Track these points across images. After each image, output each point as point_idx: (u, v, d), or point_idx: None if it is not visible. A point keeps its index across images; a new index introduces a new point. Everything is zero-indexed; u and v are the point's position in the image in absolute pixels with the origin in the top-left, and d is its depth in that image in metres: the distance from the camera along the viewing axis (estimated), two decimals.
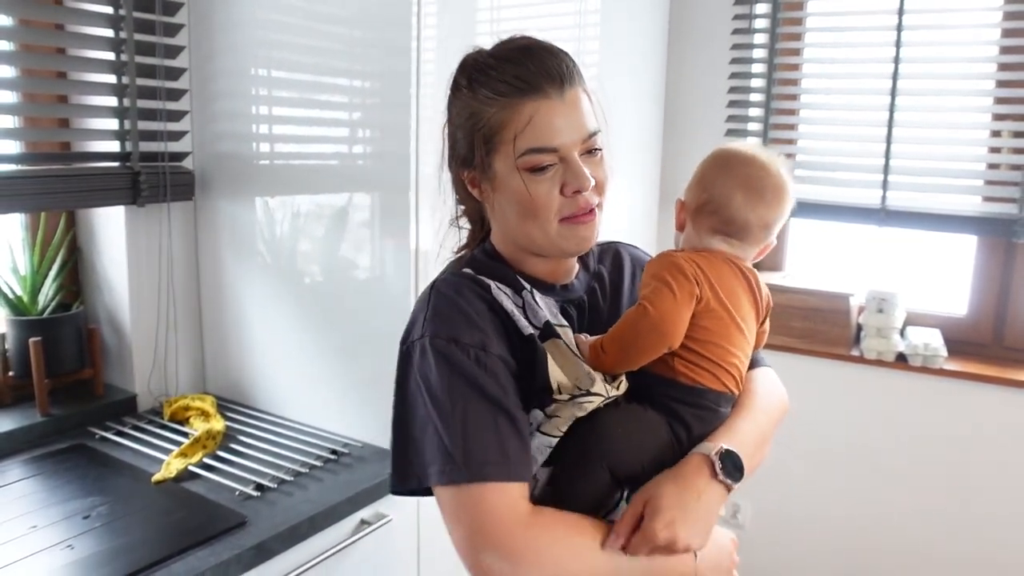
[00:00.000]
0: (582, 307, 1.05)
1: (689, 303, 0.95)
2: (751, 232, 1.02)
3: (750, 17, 2.38)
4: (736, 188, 1.01)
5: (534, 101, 0.92)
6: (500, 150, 0.95)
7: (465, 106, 0.97)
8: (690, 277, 0.95)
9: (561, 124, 0.93)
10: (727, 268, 1.01)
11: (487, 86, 0.94)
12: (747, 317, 1.01)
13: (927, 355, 2.22)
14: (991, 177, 2.18)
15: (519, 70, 0.93)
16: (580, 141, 0.94)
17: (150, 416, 1.78)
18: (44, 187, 1.61)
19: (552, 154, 0.93)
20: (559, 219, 0.95)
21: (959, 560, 2.27)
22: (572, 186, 0.94)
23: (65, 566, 1.19)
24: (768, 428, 1.04)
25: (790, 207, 1.04)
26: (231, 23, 1.76)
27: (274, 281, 1.79)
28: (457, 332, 0.91)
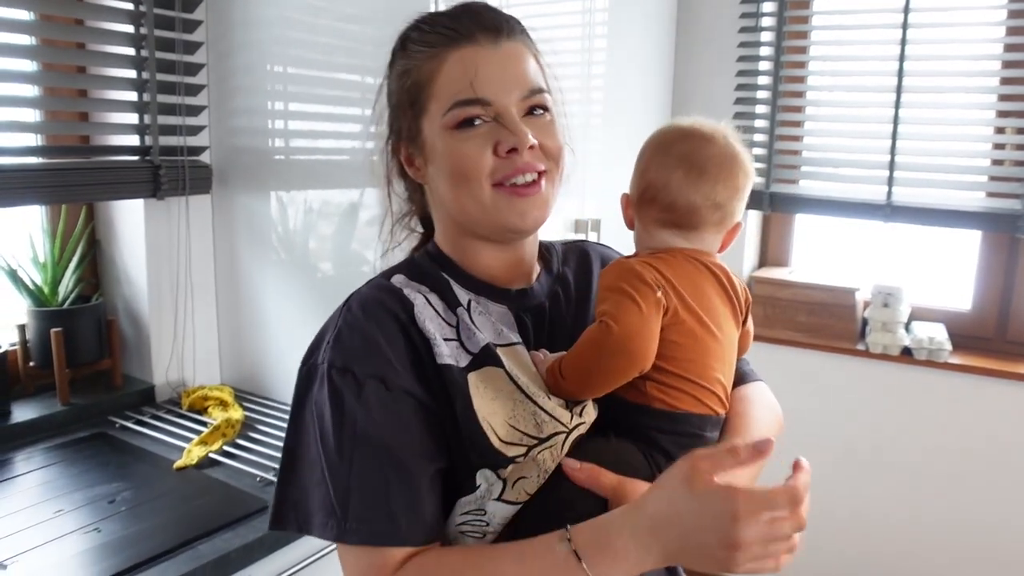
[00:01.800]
0: (542, 315, 0.91)
1: (657, 315, 0.81)
2: (701, 216, 0.87)
3: (757, 16, 2.41)
4: (675, 167, 0.87)
5: (460, 48, 0.82)
6: (427, 109, 0.84)
7: (397, 70, 0.87)
8: (652, 284, 0.81)
9: (493, 74, 0.82)
10: (690, 267, 0.87)
11: (418, 41, 0.85)
12: (723, 322, 0.88)
13: (932, 349, 2.25)
14: (995, 173, 2.21)
15: (452, 21, 0.84)
16: (519, 97, 0.83)
17: (168, 406, 1.80)
18: (65, 180, 1.63)
19: (481, 107, 0.81)
20: (492, 183, 0.82)
21: (964, 552, 2.30)
22: (506, 143, 0.81)
23: (94, 548, 1.22)
24: None
25: (744, 181, 0.89)
26: (248, 20, 1.78)
27: (289, 274, 1.82)
28: (355, 361, 0.80)
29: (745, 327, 0.95)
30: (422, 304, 0.84)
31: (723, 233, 0.91)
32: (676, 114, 2.54)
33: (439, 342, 0.82)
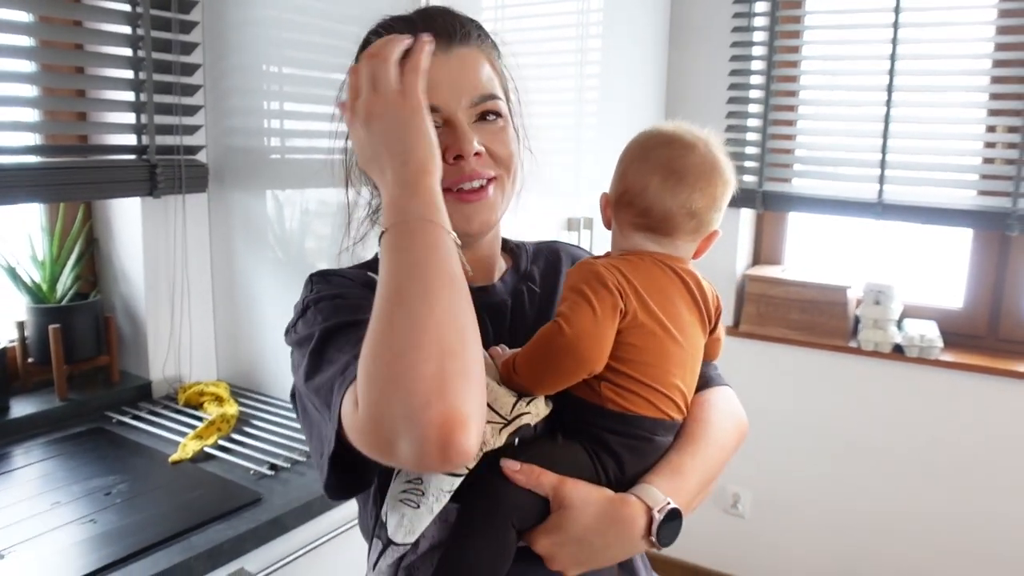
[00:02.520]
0: (503, 312, 0.93)
1: (612, 319, 0.81)
2: (675, 223, 0.88)
3: (749, 15, 2.43)
4: (653, 172, 0.87)
5: None
6: None
7: None
8: (612, 288, 0.81)
9: (441, 81, 0.83)
10: (657, 271, 0.87)
11: None
12: (687, 328, 0.87)
13: (923, 347, 2.26)
14: (986, 171, 2.23)
15: (406, 27, 0.85)
16: (468, 104, 0.85)
17: (165, 402, 1.83)
18: (63, 178, 1.66)
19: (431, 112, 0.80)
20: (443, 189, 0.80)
21: (956, 549, 2.31)
22: (452, 150, 0.83)
23: (90, 538, 1.24)
24: (716, 464, 0.89)
25: (723, 191, 0.89)
26: (244, 21, 1.81)
27: (285, 271, 1.84)
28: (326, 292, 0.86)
29: (714, 335, 0.94)
30: None
31: (698, 240, 0.91)
32: (670, 113, 2.56)
33: None
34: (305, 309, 0.86)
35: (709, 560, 2.64)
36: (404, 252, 0.70)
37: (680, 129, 0.91)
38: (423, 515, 0.78)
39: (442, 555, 0.78)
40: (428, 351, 0.64)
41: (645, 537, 0.80)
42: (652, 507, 0.80)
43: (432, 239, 0.70)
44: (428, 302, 0.66)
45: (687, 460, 0.85)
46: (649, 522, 0.79)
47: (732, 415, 0.95)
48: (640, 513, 0.80)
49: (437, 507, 0.78)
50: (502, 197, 0.89)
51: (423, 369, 0.63)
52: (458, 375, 0.64)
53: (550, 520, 0.79)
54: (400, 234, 0.71)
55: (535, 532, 0.79)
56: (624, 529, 0.79)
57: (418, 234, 0.70)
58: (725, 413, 0.93)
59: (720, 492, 2.61)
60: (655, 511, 0.80)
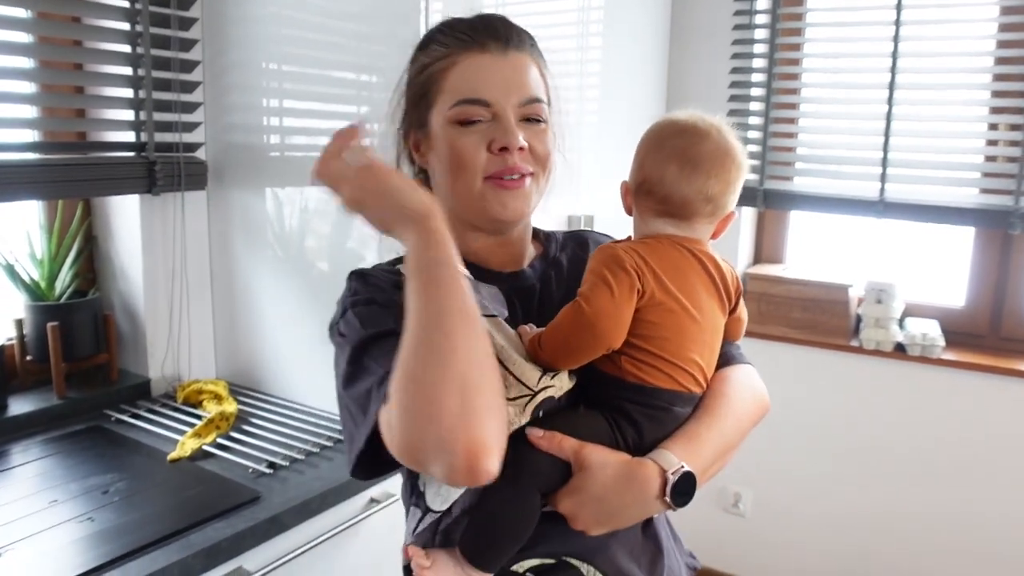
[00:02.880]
0: (531, 296, 0.99)
1: (629, 298, 0.86)
2: (693, 208, 0.92)
3: (751, 13, 2.42)
4: (669, 161, 0.91)
5: (472, 53, 0.92)
6: (436, 102, 0.93)
7: (416, 64, 0.97)
8: (630, 269, 0.86)
9: (496, 79, 0.91)
10: (675, 253, 0.91)
11: (436, 41, 0.95)
12: (705, 307, 0.92)
13: (925, 345, 2.25)
14: (988, 169, 2.22)
15: (469, 28, 0.94)
16: (517, 103, 0.92)
17: (164, 400, 1.82)
18: (61, 175, 1.65)
19: (482, 107, 0.90)
20: (484, 176, 0.91)
21: (957, 548, 2.30)
22: (499, 142, 0.90)
23: (87, 536, 1.24)
24: (733, 436, 0.95)
25: (737, 175, 0.93)
26: (243, 18, 1.80)
27: (284, 269, 1.84)
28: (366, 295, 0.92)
29: (735, 314, 0.99)
30: None
31: (715, 223, 0.95)
32: (671, 111, 2.54)
33: None
34: (344, 311, 0.92)
35: (710, 559, 2.63)
36: (426, 298, 0.77)
37: (693, 118, 0.94)
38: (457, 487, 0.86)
39: (473, 517, 0.86)
40: (452, 387, 0.72)
41: (660, 498, 0.85)
42: (666, 470, 0.85)
43: (448, 282, 0.77)
44: (451, 343, 0.74)
45: (703, 430, 0.91)
46: (664, 484, 0.84)
47: (751, 390, 1.00)
48: (655, 475, 0.85)
49: None
50: (536, 192, 0.95)
51: (448, 404, 0.71)
52: (480, 407, 0.72)
53: (572, 482, 0.85)
54: (421, 281, 0.77)
55: (558, 494, 0.85)
56: (640, 489, 0.85)
57: (435, 280, 0.77)
58: (744, 388, 0.98)
59: (721, 492, 2.61)
60: (669, 473, 0.85)
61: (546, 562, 0.88)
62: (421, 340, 0.75)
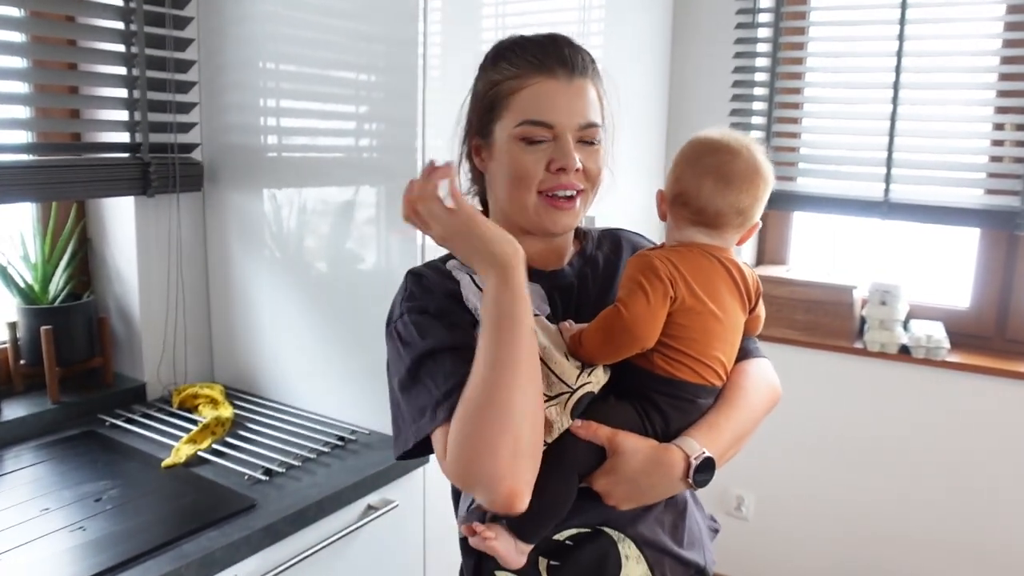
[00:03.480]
0: (570, 293, 1.07)
1: (663, 305, 0.96)
2: (725, 219, 1.02)
3: (753, 12, 2.40)
4: (704, 178, 1.01)
5: (541, 77, 1.00)
6: (503, 117, 1.01)
7: (485, 77, 1.05)
8: (664, 278, 0.97)
9: (561, 105, 0.99)
10: (704, 261, 1.02)
11: (507, 60, 1.02)
12: (728, 307, 1.02)
13: (930, 347, 2.23)
14: (994, 170, 2.20)
15: (537, 50, 1.01)
16: (577, 127, 1.00)
17: (159, 404, 1.80)
18: (55, 177, 1.63)
19: (546, 129, 0.99)
20: (538, 191, 1.00)
21: (961, 551, 2.28)
22: (557, 162, 0.99)
23: (77, 547, 1.21)
24: (748, 424, 1.05)
25: (765, 190, 1.04)
26: (239, 16, 1.78)
27: (282, 271, 1.81)
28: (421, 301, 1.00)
29: (754, 313, 1.09)
30: (467, 283, 1.01)
31: (742, 232, 1.05)
32: (673, 111, 2.53)
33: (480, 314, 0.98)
34: (401, 314, 1.01)
35: None
36: (496, 348, 0.88)
37: (727, 136, 1.04)
38: None
39: None
40: (507, 438, 0.85)
41: (683, 479, 0.96)
42: (690, 455, 0.96)
43: (520, 338, 0.88)
44: (512, 397, 0.86)
45: (722, 420, 1.01)
46: (687, 467, 0.95)
47: (765, 382, 1.10)
48: (680, 459, 0.96)
49: None
50: (585, 207, 1.04)
51: (502, 452, 0.84)
52: (523, 456, 0.86)
53: (606, 464, 0.96)
54: (495, 328, 0.89)
55: (594, 475, 0.96)
56: (666, 472, 0.96)
57: (508, 332, 0.88)
58: (759, 381, 1.08)
59: (724, 494, 2.58)
60: (692, 458, 0.96)
61: (583, 531, 1.00)
62: (487, 391, 0.86)
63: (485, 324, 0.90)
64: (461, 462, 0.87)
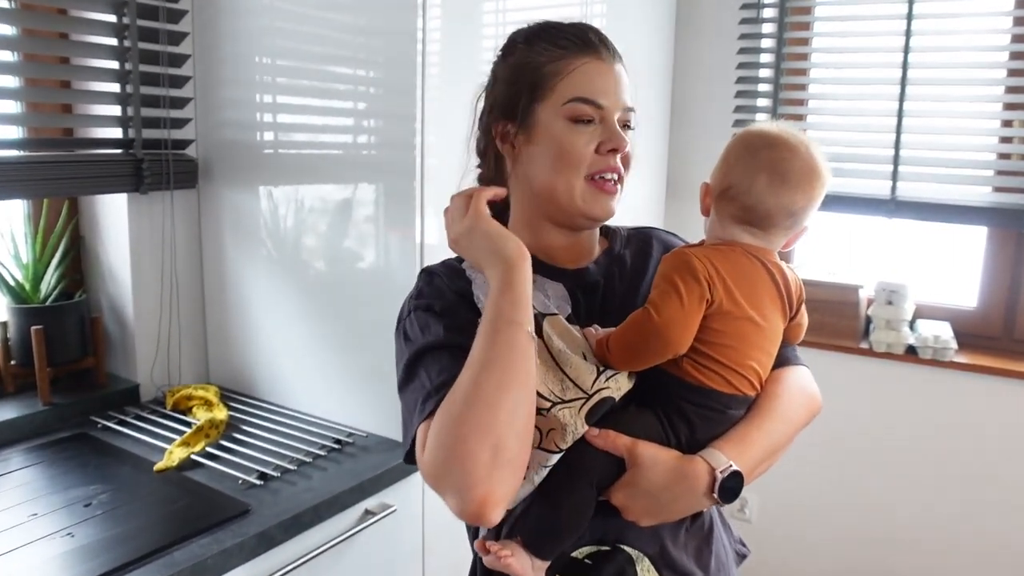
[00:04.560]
0: (595, 292, 1.02)
1: (698, 308, 0.90)
2: (774, 220, 0.95)
3: (758, 7, 2.36)
4: (759, 172, 0.94)
5: (588, 58, 0.97)
6: (547, 98, 0.97)
7: (518, 60, 1.00)
8: (701, 279, 0.90)
9: (609, 86, 0.97)
10: (746, 263, 0.95)
11: (546, 40, 0.99)
12: (769, 314, 0.95)
13: (937, 348, 2.20)
14: (1002, 167, 2.16)
15: (578, 32, 1.00)
16: (620, 109, 0.98)
17: (153, 406, 1.76)
18: (46, 173, 1.59)
19: (596, 109, 0.96)
20: (587, 175, 0.96)
21: (968, 553, 2.25)
22: (608, 144, 0.96)
23: (65, 554, 1.18)
24: (783, 438, 0.99)
25: (821, 192, 0.97)
26: (235, 10, 1.74)
27: (278, 270, 1.78)
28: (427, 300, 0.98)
29: (795, 320, 1.02)
30: (481, 281, 0.96)
31: (789, 236, 0.98)
32: (676, 111, 2.50)
33: None
34: (409, 312, 0.99)
35: None
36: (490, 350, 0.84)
37: (784, 132, 0.97)
38: (525, 487, 0.89)
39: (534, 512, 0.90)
40: (486, 443, 0.79)
41: (708, 495, 0.89)
42: (715, 468, 0.89)
43: (514, 340, 0.84)
44: (498, 399, 0.81)
45: (753, 431, 0.94)
46: (712, 481, 0.89)
47: (803, 392, 1.03)
48: (704, 472, 0.89)
49: (537, 479, 0.89)
50: (622, 192, 1.00)
51: (479, 456, 0.79)
52: (505, 465, 0.80)
53: (625, 476, 0.90)
54: (490, 327, 0.86)
55: (613, 488, 0.90)
56: (689, 486, 0.89)
57: (503, 334, 0.85)
58: (795, 390, 1.01)
59: None
60: (718, 472, 0.89)
61: (601, 549, 0.94)
62: (473, 389, 0.82)
63: (482, 323, 0.87)
64: (436, 461, 0.82)
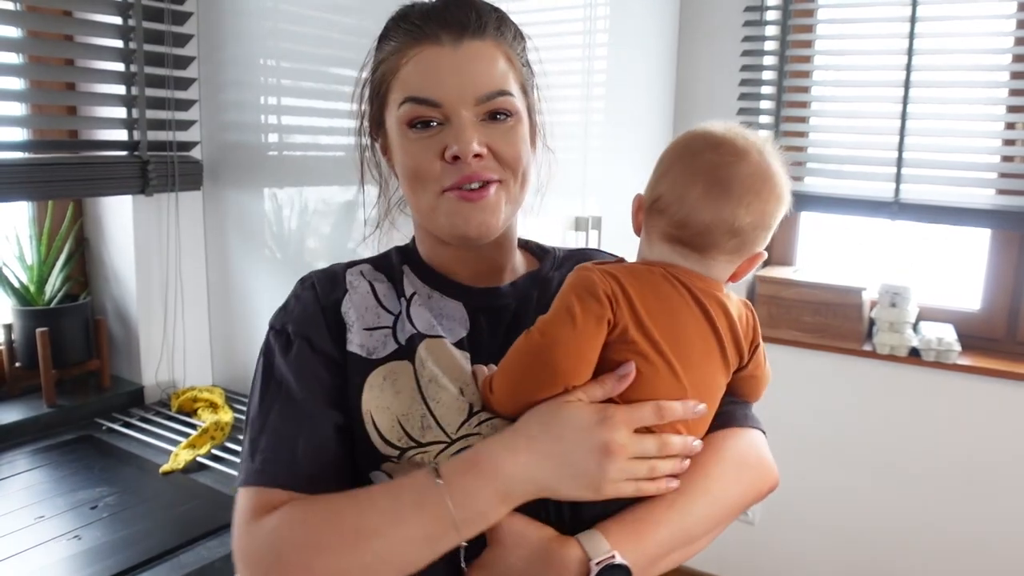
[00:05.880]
0: (500, 316, 0.85)
1: (596, 331, 0.72)
2: (713, 240, 0.76)
3: (761, 9, 2.37)
4: (695, 179, 0.76)
5: (421, 47, 0.80)
6: (388, 103, 0.83)
7: (373, 60, 0.86)
8: (601, 295, 0.72)
9: (447, 75, 0.79)
10: (667, 288, 0.75)
11: (390, 36, 0.84)
12: (696, 362, 0.76)
13: (940, 350, 2.20)
14: (1005, 169, 2.16)
15: (421, 19, 0.81)
16: (473, 100, 0.79)
17: (157, 408, 1.76)
18: (51, 175, 1.59)
19: (432, 108, 0.79)
20: (443, 189, 0.80)
21: (971, 555, 2.25)
22: (449, 150, 0.78)
23: (73, 556, 1.18)
24: (706, 521, 0.77)
25: (776, 207, 0.77)
26: (239, 12, 1.74)
27: (283, 272, 1.78)
28: (290, 323, 0.84)
29: (746, 372, 0.83)
30: (364, 292, 0.86)
31: (737, 262, 0.79)
32: (679, 113, 2.49)
33: (355, 330, 0.82)
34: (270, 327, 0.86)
35: (717, 567, 2.58)
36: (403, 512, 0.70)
37: (732, 132, 0.78)
38: None
39: None
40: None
41: None
42: (591, 558, 0.70)
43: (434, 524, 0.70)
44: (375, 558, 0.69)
45: (660, 511, 0.74)
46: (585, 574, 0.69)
47: (742, 463, 0.82)
48: (574, 561, 0.70)
49: None
50: (508, 200, 0.82)
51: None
52: None
53: (483, 555, 0.73)
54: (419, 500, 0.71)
55: (472, 566, 0.73)
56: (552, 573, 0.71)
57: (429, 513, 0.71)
58: (732, 460, 0.81)
59: None
60: (593, 563, 0.69)
61: None
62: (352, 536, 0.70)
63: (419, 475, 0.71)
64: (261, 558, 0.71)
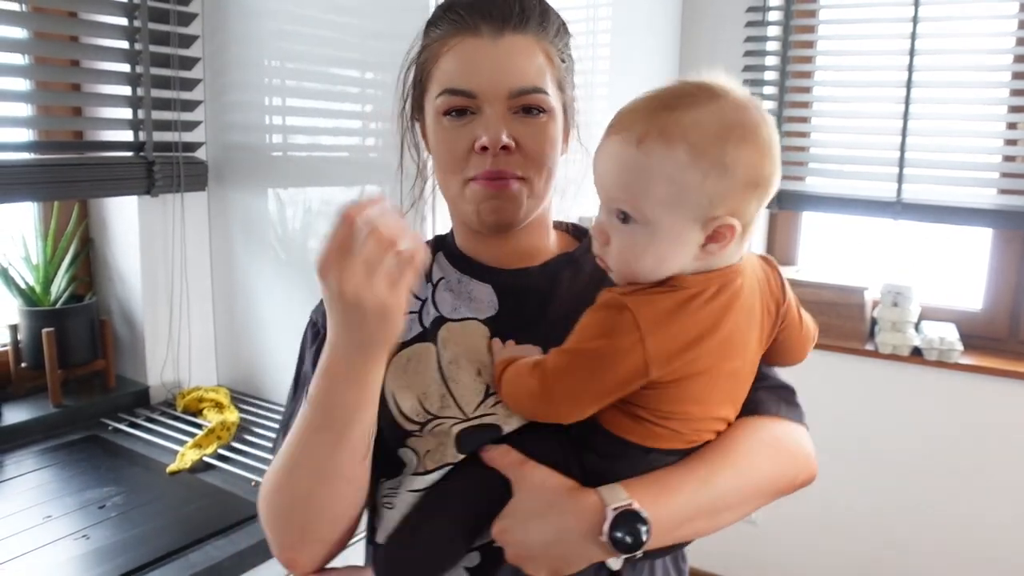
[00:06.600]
0: (528, 296, 0.86)
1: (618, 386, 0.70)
2: None
3: (763, 9, 2.37)
4: None
5: (461, 38, 0.81)
6: (428, 90, 0.85)
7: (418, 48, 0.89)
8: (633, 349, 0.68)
9: (484, 67, 0.80)
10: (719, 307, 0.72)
11: (437, 23, 0.86)
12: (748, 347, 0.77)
13: (942, 349, 2.20)
14: (1007, 169, 2.17)
15: (465, 9, 0.83)
16: (506, 93, 0.80)
17: (163, 408, 1.77)
18: (57, 176, 1.60)
19: (467, 99, 0.80)
20: (467, 178, 0.82)
21: (973, 555, 2.26)
22: (479, 140, 0.80)
23: (82, 555, 1.18)
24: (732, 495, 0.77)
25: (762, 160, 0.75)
26: (244, 13, 1.75)
27: (287, 272, 1.78)
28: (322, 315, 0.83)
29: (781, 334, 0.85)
30: None
31: None
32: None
33: None
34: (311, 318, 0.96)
35: (720, 567, 2.58)
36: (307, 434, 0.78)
37: None
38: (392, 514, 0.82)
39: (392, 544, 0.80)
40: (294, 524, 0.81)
41: (594, 538, 0.69)
42: (608, 503, 0.69)
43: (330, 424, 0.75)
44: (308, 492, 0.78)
45: (683, 474, 0.75)
46: (602, 521, 0.69)
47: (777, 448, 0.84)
48: (592, 507, 0.70)
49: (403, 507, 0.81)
50: (528, 195, 0.83)
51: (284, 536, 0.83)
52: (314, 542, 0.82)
53: (508, 504, 0.74)
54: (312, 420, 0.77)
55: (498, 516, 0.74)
56: (569, 521, 0.71)
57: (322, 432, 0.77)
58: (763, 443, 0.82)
59: None
60: (609, 508, 0.69)
61: None
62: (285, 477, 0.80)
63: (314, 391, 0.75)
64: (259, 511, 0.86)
